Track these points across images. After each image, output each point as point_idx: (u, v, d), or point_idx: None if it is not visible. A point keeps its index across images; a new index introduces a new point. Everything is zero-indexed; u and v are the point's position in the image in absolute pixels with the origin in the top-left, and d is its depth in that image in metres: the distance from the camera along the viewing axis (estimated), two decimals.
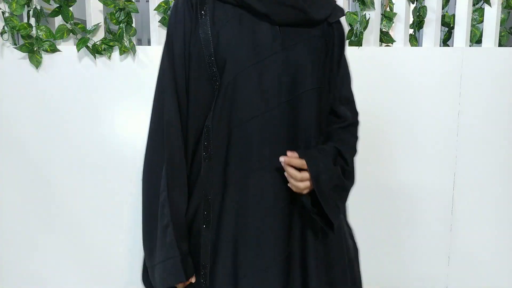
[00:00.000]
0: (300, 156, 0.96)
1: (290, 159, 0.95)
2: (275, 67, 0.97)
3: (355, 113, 1.13)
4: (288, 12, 0.98)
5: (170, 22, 1.00)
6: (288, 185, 0.98)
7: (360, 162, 1.84)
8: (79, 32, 1.72)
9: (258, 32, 0.97)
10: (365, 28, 1.75)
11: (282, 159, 0.95)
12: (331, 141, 1.05)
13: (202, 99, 0.99)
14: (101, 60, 1.73)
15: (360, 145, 1.83)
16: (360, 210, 1.85)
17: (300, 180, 0.96)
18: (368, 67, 1.79)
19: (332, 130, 1.08)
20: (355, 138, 1.12)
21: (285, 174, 0.96)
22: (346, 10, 1.80)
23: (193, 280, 1.01)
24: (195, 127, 1.00)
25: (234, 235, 0.98)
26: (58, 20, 1.71)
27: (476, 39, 1.85)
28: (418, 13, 1.83)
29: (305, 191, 0.97)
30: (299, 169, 0.96)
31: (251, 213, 0.98)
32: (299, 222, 1.02)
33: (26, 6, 1.68)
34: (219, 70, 0.96)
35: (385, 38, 1.82)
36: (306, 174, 0.96)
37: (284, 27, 0.98)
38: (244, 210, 0.98)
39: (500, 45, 1.86)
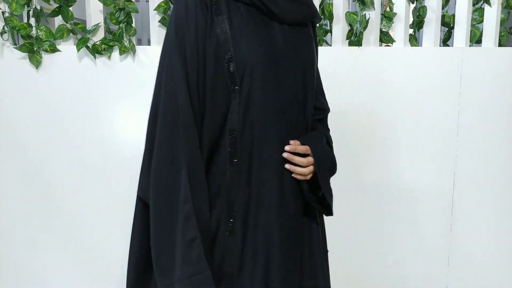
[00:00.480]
0: (303, 143, 1.00)
1: (295, 146, 0.98)
2: (289, 67, 0.98)
3: (328, 105, 1.19)
4: (295, 9, 0.99)
5: (180, 17, 0.91)
6: (293, 175, 0.99)
7: (360, 162, 1.86)
8: (79, 32, 1.72)
9: (272, 32, 0.97)
10: (365, 28, 1.75)
11: (287, 147, 0.97)
12: (317, 130, 1.10)
13: (220, 99, 0.94)
14: (101, 60, 1.73)
15: (360, 145, 1.84)
16: (360, 210, 1.86)
17: (306, 166, 0.99)
18: (368, 67, 1.79)
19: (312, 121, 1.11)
20: (328, 130, 1.17)
21: (286, 166, 0.98)
22: (346, 10, 1.80)
23: None
24: (212, 129, 0.94)
25: (260, 240, 0.97)
26: (58, 20, 1.72)
27: (476, 39, 1.84)
28: (418, 13, 1.83)
29: (309, 177, 1.00)
30: (302, 156, 0.99)
31: (275, 216, 0.98)
32: (305, 211, 1.05)
33: (26, 6, 1.68)
34: (239, 71, 0.93)
35: (385, 38, 1.82)
36: (310, 159, 1.00)
37: (290, 26, 0.99)
38: (268, 213, 0.97)
39: (500, 45, 1.86)
